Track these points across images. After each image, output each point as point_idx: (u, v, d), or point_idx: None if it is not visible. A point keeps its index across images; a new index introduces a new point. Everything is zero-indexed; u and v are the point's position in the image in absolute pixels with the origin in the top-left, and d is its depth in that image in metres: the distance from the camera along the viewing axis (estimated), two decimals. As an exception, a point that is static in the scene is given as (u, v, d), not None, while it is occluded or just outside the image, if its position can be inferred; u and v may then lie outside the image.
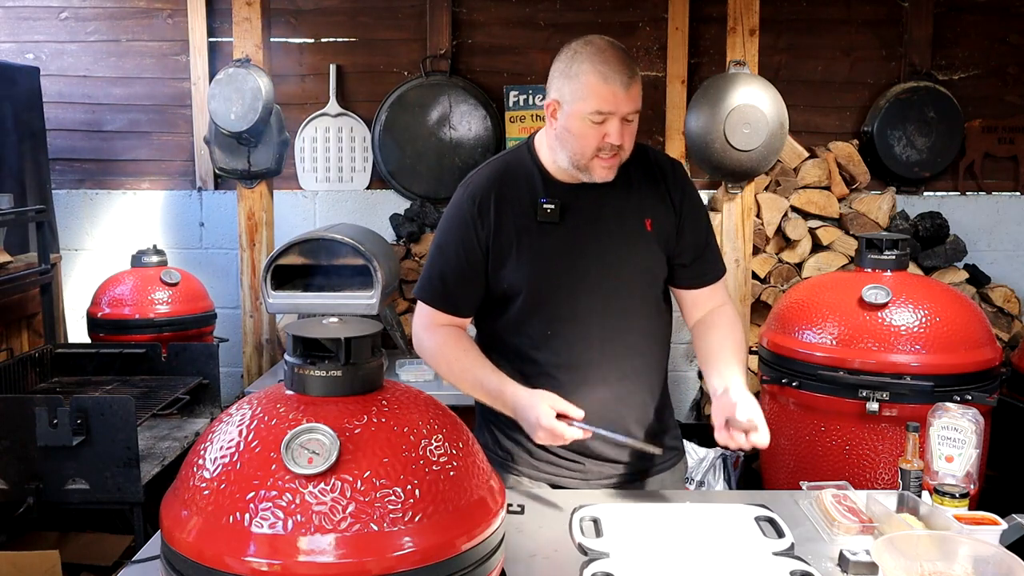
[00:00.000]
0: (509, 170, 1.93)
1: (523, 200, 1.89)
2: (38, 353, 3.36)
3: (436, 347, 1.93)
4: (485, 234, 1.88)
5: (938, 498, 1.72)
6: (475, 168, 1.99)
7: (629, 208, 1.91)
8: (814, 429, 2.84)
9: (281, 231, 4.00)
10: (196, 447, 1.31)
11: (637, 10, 4.24)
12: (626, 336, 1.92)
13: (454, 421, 1.39)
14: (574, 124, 1.79)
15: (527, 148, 1.95)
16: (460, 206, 1.91)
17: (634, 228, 1.91)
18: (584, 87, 1.76)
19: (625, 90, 1.75)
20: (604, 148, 1.79)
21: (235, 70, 3.59)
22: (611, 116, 1.76)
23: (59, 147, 4.34)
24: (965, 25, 4.26)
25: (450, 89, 4.18)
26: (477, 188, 1.91)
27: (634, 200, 1.92)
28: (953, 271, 4.13)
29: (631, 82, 1.76)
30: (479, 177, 1.94)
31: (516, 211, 1.88)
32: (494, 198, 1.88)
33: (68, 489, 2.59)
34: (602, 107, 1.76)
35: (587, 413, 1.85)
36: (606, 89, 1.74)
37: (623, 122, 1.78)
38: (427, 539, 1.19)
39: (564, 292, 1.88)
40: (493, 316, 1.97)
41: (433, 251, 1.96)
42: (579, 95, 1.77)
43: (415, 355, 3.89)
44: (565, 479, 1.96)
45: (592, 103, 1.76)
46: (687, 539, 1.66)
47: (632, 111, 1.79)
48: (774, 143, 3.54)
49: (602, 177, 1.84)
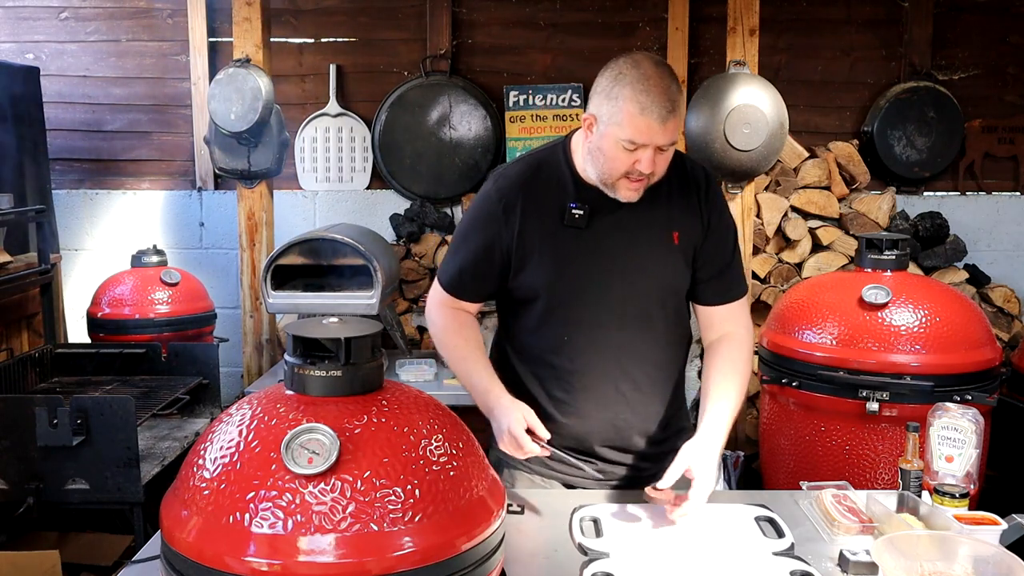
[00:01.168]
0: (541, 170, 1.91)
1: (552, 203, 1.87)
2: (38, 353, 3.36)
3: (442, 327, 1.98)
4: (508, 235, 1.87)
5: (938, 498, 1.72)
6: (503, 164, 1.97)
7: (658, 219, 1.88)
8: (814, 429, 2.84)
9: (281, 231, 4.00)
10: (196, 447, 1.31)
11: (637, 10, 4.24)
12: (642, 347, 1.91)
13: (454, 421, 1.39)
14: (607, 145, 1.76)
15: (562, 148, 1.93)
16: (488, 200, 1.90)
17: (660, 240, 1.89)
18: (621, 113, 1.72)
19: (661, 124, 1.71)
20: (633, 172, 1.77)
21: (235, 70, 3.59)
22: (644, 147, 1.74)
23: (59, 147, 4.34)
24: (965, 25, 4.26)
25: (450, 89, 4.18)
26: (506, 187, 1.89)
27: (664, 211, 1.89)
28: (953, 271, 4.14)
29: (669, 116, 1.71)
30: (510, 174, 1.92)
31: (543, 214, 1.86)
32: (522, 199, 1.87)
33: (68, 489, 2.59)
34: (636, 138, 1.72)
35: (595, 419, 1.90)
36: (642, 121, 1.70)
37: (656, 151, 1.75)
38: (427, 539, 1.19)
39: (583, 299, 1.87)
40: (515, 315, 1.97)
41: (457, 237, 1.98)
42: (615, 120, 1.73)
43: (415, 355, 3.91)
44: (578, 479, 1.97)
45: (626, 131, 1.72)
46: (687, 539, 1.66)
47: (667, 143, 1.75)
48: (774, 143, 3.54)
49: (626, 198, 1.82)
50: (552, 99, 4.21)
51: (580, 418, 1.91)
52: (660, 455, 1.91)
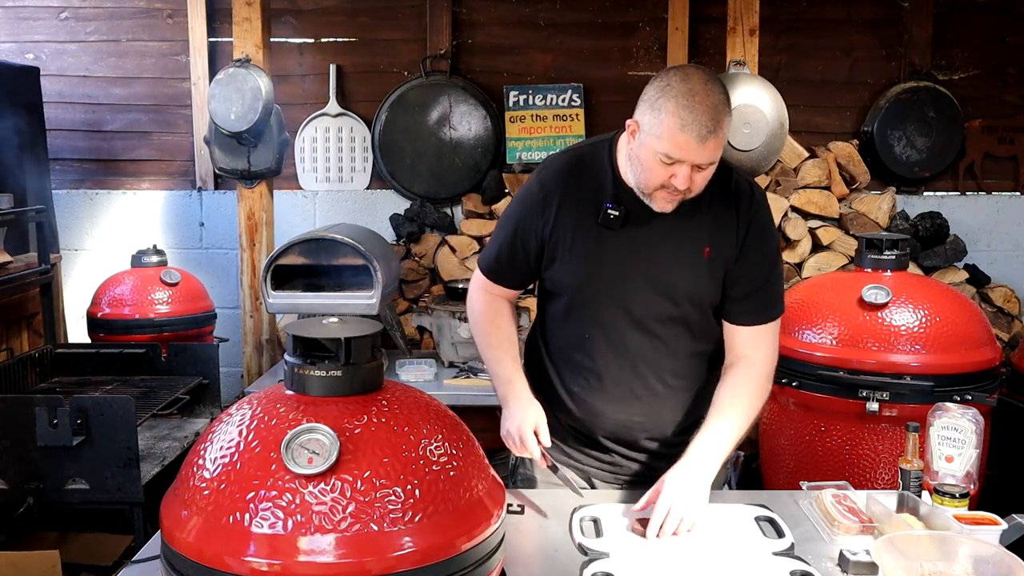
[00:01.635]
0: (584, 165, 1.90)
1: (589, 200, 1.86)
2: (38, 353, 3.36)
3: (479, 312, 2.02)
4: (543, 226, 1.88)
5: (938, 498, 1.72)
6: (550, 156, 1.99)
7: (691, 231, 1.85)
8: (814, 429, 2.84)
9: (281, 231, 4.00)
10: (196, 447, 1.31)
11: (637, 10, 4.24)
12: (663, 358, 1.89)
13: (454, 421, 1.39)
14: (645, 155, 1.74)
15: (608, 145, 1.91)
16: (531, 189, 1.91)
17: (690, 254, 1.85)
18: (661, 126, 1.68)
19: (700, 143, 1.66)
20: (669, 186, 1.74)
21: (235, 70, 3.59)
22: (681, 163, 1.70)
23: (59, 147, 4.34)
24: (965, 25, 4.26)
25: (450, 89, 4.18)
26: (548, 177, 1.90)
27: (699, 223, 1.85)
28: (953, 271, 4.13)
29: (709, 136, 1.66)
30: (554, 165, 1.92)
31: (579, 210, 1.86)
32: (561, 191, 1.87)
33: (68, 489, 2.59)
34: (673, 153, 1.69)
35: (608, 421, 1.93)
36: (682, 137, 1.67)
37: (695, 168, 1.71)
38: (427, 539, 1.19)
39: (606, 301, 1.87)
40: (547, 305, 2.00)
41: (500, 221, 2.00)
42: (655, 131, 1.70)
43: (415, 355, 3.90)
44: (594, 470, 2.00)
45: (665, 145, 1.69)
46: (687, 539, 1.66)
47: (706, 163, 1.71)
48: (774, 143, 3.54)
49: (661, 208, 1.79)
50: (552, 99, 4.21)
51: (593, 414, 1.93)
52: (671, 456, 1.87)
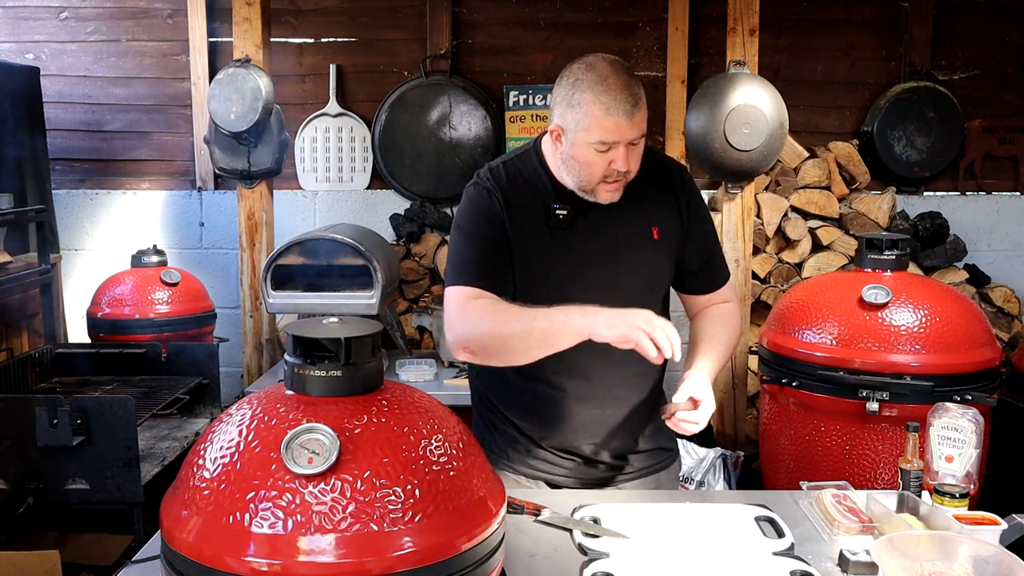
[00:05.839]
0: (518, 174, 1.90)
1: (534, 204, 1.86)
2: (38, 353, 3.36)
3: (475, 317, 1.78)
4: (506, 229, 1.85)
5: (938, 498, 1.72)
6: (477, 170, 1.95)
7: (637, 217, 1.89)
8: (814, 429, 2.84)
9: (281, 231, 4.00)
10: (196, 447, 1.31)
11: (637, 10, 4.24)
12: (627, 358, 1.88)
13: (454, 421, 1.39)
14: (579, 152, 1.77)
15: (534, 153, 1.92)
16: (481, 196, 1.87)
17: (641, 237, 1.90)
18: (587, 118, 1.72)
19: (629, 120, 1.71)
20: (610, 174, 1.78)
21: (235, 70, 3.59)
22: (616, 144, 1.74)
23: (59, 147, 4.34)
24: (965, 25, 4.26)
25: (450, 89, 4.18)
26: (493, 187, 1.87)
27: (642, 208, 1.90)
28: (953, 271, 4.14)
29: (634, 110, 1.72)
30: (489, 177, 1.89)
31: (526, 215, 1.86)
32: (506, 200, 1.86)
33: (68, 489, 2.59)
34: (606, 138, 1.73)
35: (584, 419, 1.92)
36: (609, 121, 1.71)
37: (628, 146, 1.76)
38: (427, 539, 1.19)
39: (566, 300, 1.85)
40: None
41: (461, 238, 1.86)
42: (582, 125, 1.73)
43: (415, 355, 3.90)
44: (560, 478, 1.97)
45: (596, 134, 1.72)
46: (687, 539, 1.66)
47: (637, 138, 1.76)
48: (774, 143, 3.54)
49: (608, 200, 1.83)
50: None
51: (564, 416, 1.92)
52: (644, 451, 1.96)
